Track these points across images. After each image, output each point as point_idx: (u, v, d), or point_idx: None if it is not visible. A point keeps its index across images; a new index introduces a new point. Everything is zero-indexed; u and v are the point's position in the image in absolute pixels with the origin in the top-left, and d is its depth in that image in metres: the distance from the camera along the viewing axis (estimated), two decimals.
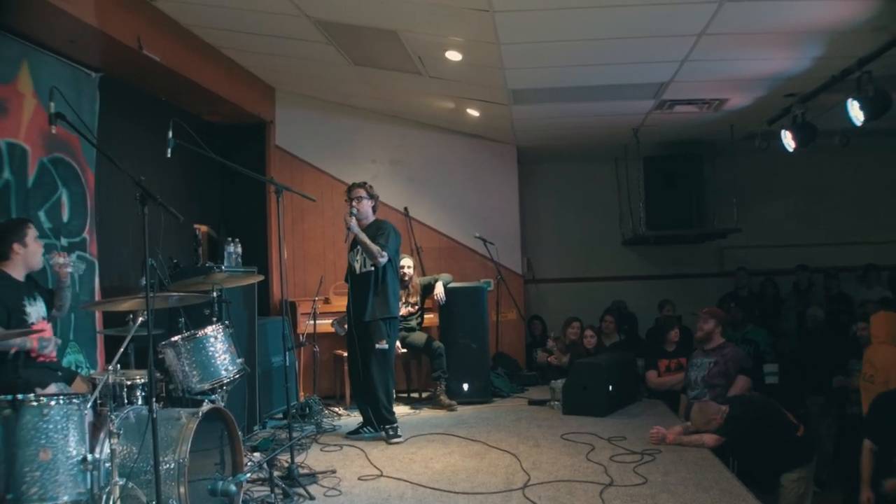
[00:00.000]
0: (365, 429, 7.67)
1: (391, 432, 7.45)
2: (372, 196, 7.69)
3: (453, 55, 7.61)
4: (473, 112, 9.86)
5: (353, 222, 7.38)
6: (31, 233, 5.32)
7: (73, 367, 6.24)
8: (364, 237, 7.39)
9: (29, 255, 5.28)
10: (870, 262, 11.72)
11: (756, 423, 6.41)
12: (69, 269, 5.39)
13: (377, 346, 7.43)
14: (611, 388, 8.20)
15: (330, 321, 8.97)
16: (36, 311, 5.26)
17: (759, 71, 7.98)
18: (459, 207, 10.63)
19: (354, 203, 7.54)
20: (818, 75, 7.88)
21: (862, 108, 7.36)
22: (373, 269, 7.47)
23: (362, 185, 7.69)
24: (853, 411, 7.87)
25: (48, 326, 5.39)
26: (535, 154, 12.04)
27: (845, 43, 6.91)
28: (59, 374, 5.24)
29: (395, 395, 9.25)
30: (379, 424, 7.52)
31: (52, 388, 5.04)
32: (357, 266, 7.57)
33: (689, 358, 8.23)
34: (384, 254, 7.42)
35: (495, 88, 8.55)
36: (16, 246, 5.21)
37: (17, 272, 5.24)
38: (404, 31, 7.11)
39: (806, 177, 12.52)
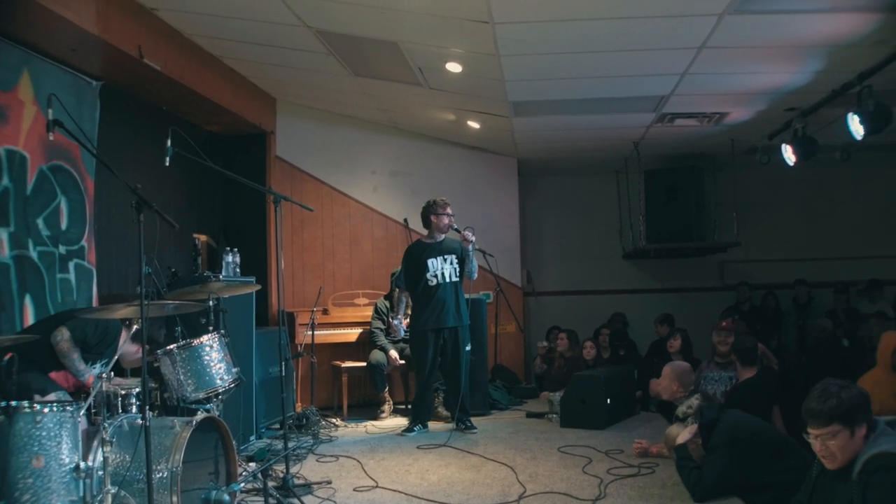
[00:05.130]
0: (465, 420, 8.30)
1: (469, 423, 8.23)
2: None
3: (454, 67, 7.61)
4: (474, 124, 9.87)
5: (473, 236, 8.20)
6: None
7: None
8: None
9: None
10: (873, 278, 11.72)
11: None
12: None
13: (467, 348, 8.30)
14: (609, 401, 8.18)
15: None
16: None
17: (759, 85, 7.99)
18: (459, 219, 10.61)
19: (453, 218, 8.39)
20: (819, 89, 7.89)
21: (862, 122, 7.37)
22: (459, 279, 8.28)
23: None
24: None
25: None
26: (535, 167, 12.05)
27: (846, 57, 6.92)
28: None
29: (390, 407, 9.37)
30: (462, 416, 8.24)
31: (52, 397, 5.06)
32: (446, 274, 8.24)
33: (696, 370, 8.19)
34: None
35: (496, 100, 8.55)
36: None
37: None
38: (405, 42, 7.12)
39: (806, 191, 12.57)
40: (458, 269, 8.24)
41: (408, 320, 8.64)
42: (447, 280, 8.17)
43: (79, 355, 5.36)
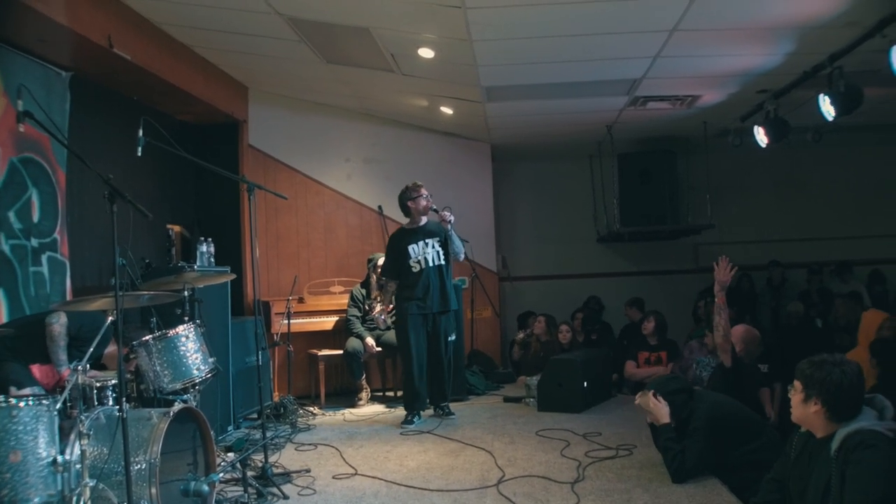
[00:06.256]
0: (443, 406, 8.23)
1: (447, 409, 8.16)
2: None
3: (426, 52, 7.59)
4: (447, 110, 9.85)
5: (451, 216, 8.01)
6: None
7: None
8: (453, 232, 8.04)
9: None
10: (843, 260, 11.84)
11: None
12: None
13: (451, 338, 8.20)
14: (586, 384, 8.20)
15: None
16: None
17: (731, 67, 8.02)
18: (434, 205, 10.71)
19: (431, 199, 8.21)
20: (790, 71, 7.93)
21: (833, 103, 7.43)
22: (444, 262, 8.10)
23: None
24: None
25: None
26: (509, 152, 12.04)
27: (817, 39, 6.95)
28: None
29: (368, 395, 9.35)
30: (441, 402, 8.20)
31: (27, 391, 5.03)
32: (429, 259, 8.05)
33: (671, 352, 8.24)
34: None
35: (469, 86, 8.54)
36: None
37: None
38: (377, 28, 7.09)
39: (779, 173, 12.63)
40: (441, 253, 8.07)
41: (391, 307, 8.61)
42: (431, 264, 8.00)
43: (65, 344, 5.34)
